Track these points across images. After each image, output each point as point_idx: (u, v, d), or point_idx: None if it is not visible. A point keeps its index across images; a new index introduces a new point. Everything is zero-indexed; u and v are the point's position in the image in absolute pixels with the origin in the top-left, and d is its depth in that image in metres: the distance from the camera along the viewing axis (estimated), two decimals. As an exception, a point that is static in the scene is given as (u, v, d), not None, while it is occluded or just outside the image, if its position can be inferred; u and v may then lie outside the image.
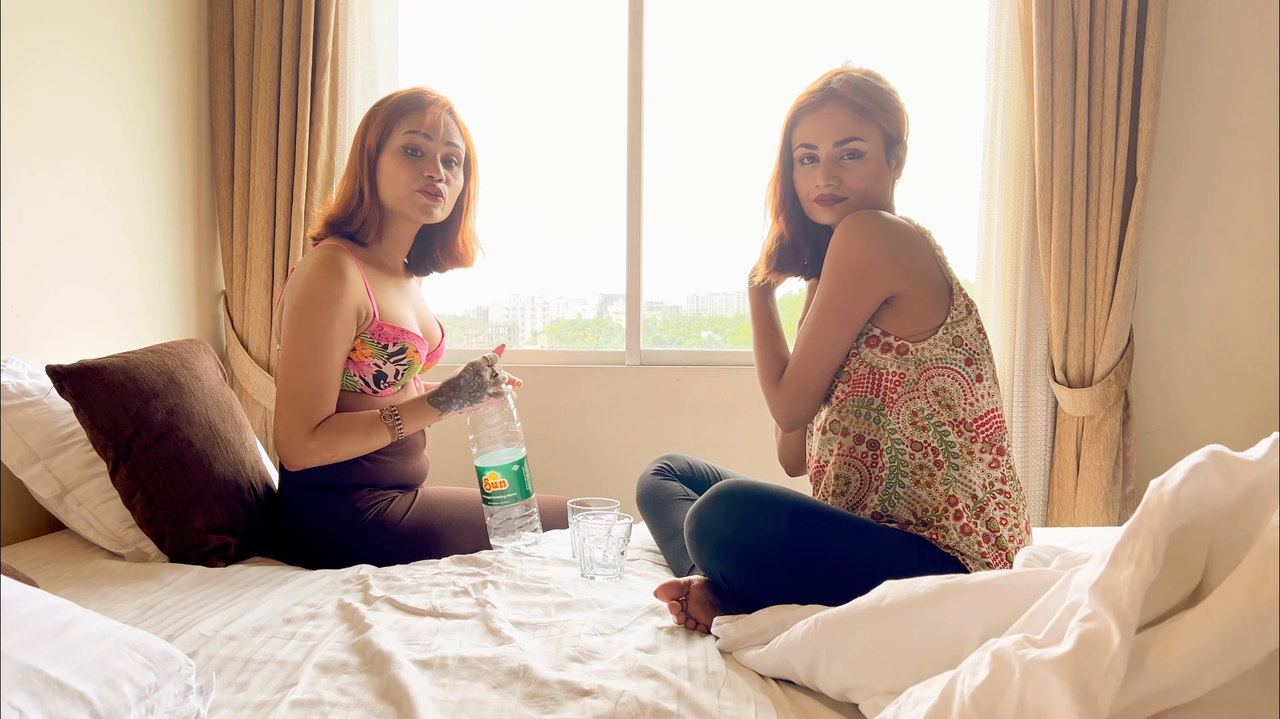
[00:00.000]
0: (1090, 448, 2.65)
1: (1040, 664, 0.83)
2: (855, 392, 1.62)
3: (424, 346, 1.94)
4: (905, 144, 1.69)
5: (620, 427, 2.88)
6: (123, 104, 2.36)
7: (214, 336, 2.80)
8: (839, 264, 1.59)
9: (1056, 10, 2.53)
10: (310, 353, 1.80)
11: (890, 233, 1.57)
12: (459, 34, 3.02)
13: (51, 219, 2.12)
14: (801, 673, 1.27)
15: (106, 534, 1.86)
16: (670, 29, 2.90)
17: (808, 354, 1.64)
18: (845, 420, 1.64)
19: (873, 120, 1.63)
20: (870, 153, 1.64)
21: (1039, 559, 1.28)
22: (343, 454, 1.83)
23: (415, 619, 1.49)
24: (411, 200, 1.89)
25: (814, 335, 1.62)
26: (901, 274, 1.57)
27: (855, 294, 1.58)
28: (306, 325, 1.80)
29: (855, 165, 1.64)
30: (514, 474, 1.88)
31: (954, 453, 1.57)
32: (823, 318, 1.61)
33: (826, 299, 1.60)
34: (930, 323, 1.58)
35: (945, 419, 1.57)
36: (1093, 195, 2.58)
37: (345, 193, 1.92)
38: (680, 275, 3.09)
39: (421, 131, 1.87)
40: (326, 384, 1.81)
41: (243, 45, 2.69)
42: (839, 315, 1.60)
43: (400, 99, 1.90)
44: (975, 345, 1.61)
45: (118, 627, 1.11)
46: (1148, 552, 0.80)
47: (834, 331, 1.60)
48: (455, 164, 1.94)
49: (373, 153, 1.89)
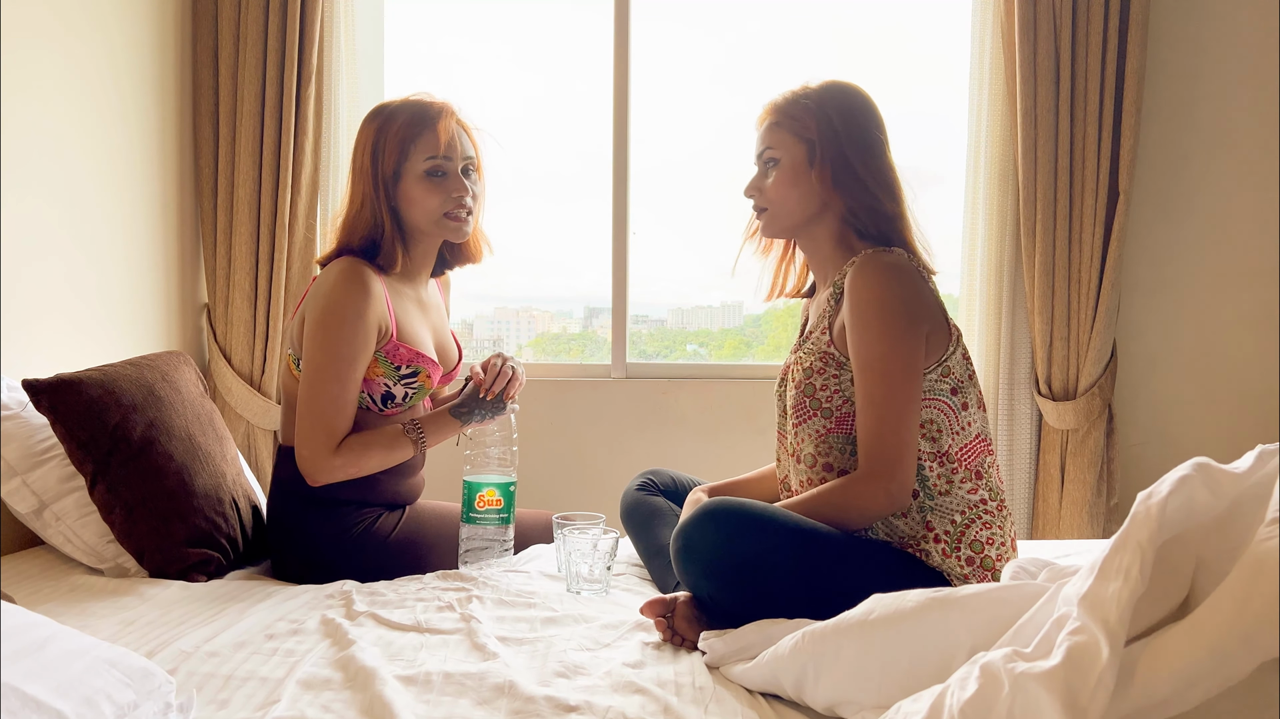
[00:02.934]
0: (1074, 461, 2.66)
1: (1029, 678, 0.83)
2: (838, 429, 1.61)
3: (437, 371, 1.91)
4: (844, 146, 1.62)
5: (606, 440, 2.88)
6: (105, 116, 2.35)
7: (196, 349, 2.78)
8: (885, 314, 1.51)
9: (1039, 26, 2.56)
10: (333, 367, 1.77)
11: (904, 276, 1.55)
12: (444, 47, 3.02)
13: (32, 232, 2.10)
14: (789, 688, 1.26)
15: (85, 549, 1.83)
16: (657, 43, 2.91)
17: (888, 422, 1.50)
18: (828, 456, 1.62)
19: (786, 129, 1.65)
20: (786, 161, 1.65)
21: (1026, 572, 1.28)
22: (367, 469, 1.81)
23: (399, 635, 1.48)
24: (441, 224, 1.86)
25: (888, 399, 1.50)
26: (929, 315, 1.56)
27: (914, 338, 1.52)
28: (331, 340, 1.77)
29: (774, 173, 1.67)
30: (510, 495, 1.86)
31: (929, 486, 1.57)
32: (890, 377, 1.50)
33: (885, 355, 1.51)
34: (929, 360, 1.58)
35: (926, 452, 1.56)
36: (1075, 209, 2.60)
37: (365, 223, 1.85)
38: (665, 289, 3.10)
39: (440, 155, 1.83)
40: (349, 399, 1.80)
41: (227, 57, 2.68)
42: (906, 367, 1.50)
43: (408, 120, 1.83)
44: (960, 374, 1.60)
45: (96, 644, 1.09)
46: (1136, 564, 0.80)
47: (909, 386, 1.51)
48: (473, 171, 1.92)
49: (389, 179, 1.83)
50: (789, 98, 1.68)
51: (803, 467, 1.66)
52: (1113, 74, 2.55)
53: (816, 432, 1.62)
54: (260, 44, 2.65)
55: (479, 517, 1.85)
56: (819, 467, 1.63)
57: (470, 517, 1.86)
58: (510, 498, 1.86)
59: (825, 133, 1.63)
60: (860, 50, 2.94)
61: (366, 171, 1.84)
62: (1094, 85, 2.55)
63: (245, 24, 2.64)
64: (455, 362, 2.05)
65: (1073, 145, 2.59)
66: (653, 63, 2.90)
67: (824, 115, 1.64)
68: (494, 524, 1.86)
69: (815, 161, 1.64)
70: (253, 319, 2.72)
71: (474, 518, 1.85)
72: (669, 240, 3.02)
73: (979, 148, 2.69)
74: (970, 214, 2.72)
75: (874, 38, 2.94)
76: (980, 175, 2.69)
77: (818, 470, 1.63)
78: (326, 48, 2.69)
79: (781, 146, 1.65)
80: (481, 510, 1.85)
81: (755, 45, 2.98)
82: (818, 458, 1.63)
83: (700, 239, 3.04)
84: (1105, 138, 2.57)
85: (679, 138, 3.00)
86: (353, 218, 1.87)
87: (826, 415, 1.61)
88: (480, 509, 1.85)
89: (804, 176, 1.64)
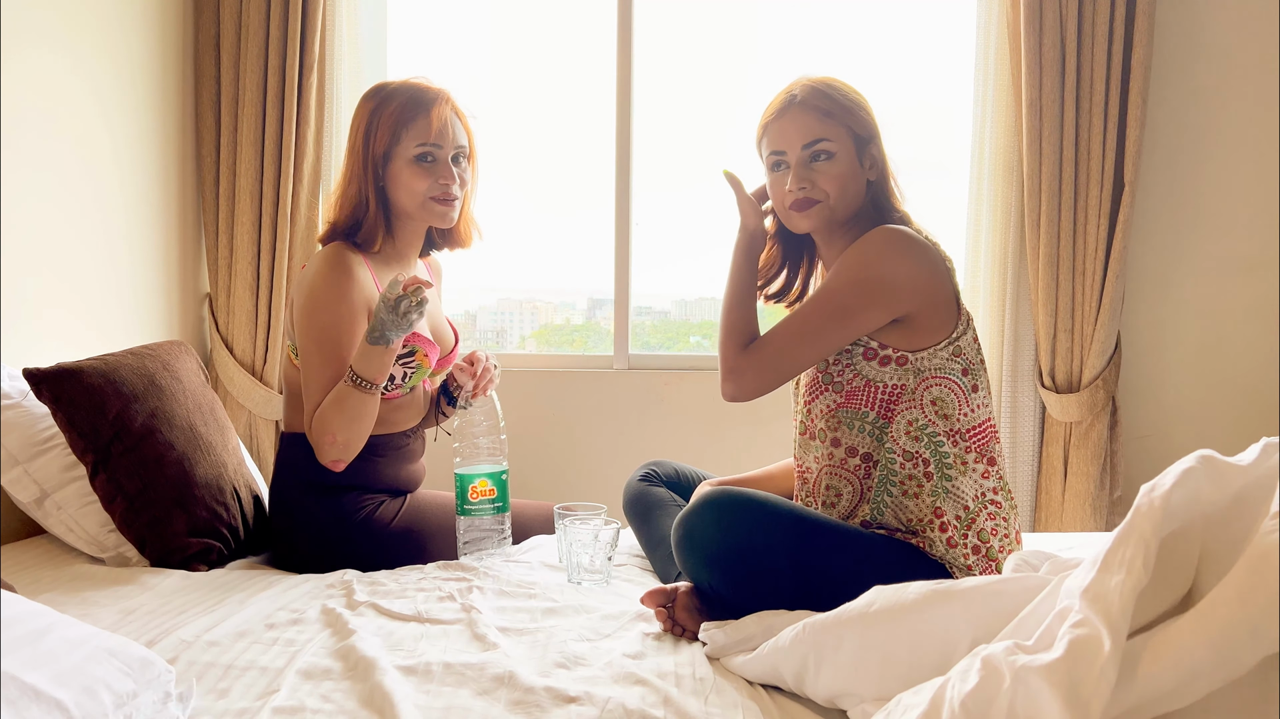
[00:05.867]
0: (1078, 453, 2.65)
1: (1031, 670, 0.83)
2: (849, 403, 1.60)
3: (434, 351, 1.91)
4: (880, 145, 1.67)
5: (608, 431, 2.87)
6: (105, 106, 2.34)
7: (198, 339, 2.78)
8: (859, 268, 1.55)
9: (1045, 17, 2.54)
10: (320, 352, 1.78)
11: (917, 254, 1.56)
12: (447, 37, 3.01)
13: (33, 221, 2.10)
14: (790, 679, 1.26)
15: (86, 538, 1.83)
16: (659, 33, 2.89)
17: (792, 335, 1.58)
18: (837, 431, 1.62)
19: (838, 120, 1.62)
20: (840, 153, 1.62)
21: (1028, 565, 1.28)
22: (342, 432, 1.75)
23: (400, 625, 1.48)
24: (426, 208, 1.86)
25: (808, 320, 1.57)
26: (918, 296, 1.55)
27: (868, 302, 1.55)
28: (316, 326, 1.78)
29: (826, 167, 1.62)
30: (503, 483, 1.86)
31: (947, 463, 1.56)
32: (824, 308, 1.57)
33: (835, 293, 1.56)
34: (935, 338, 1.57)
35: (940, 429, 1.56)
36: (1080, 201, 2.59)
37: (350, 200, 1.86)
38: (668, 280, 3.09)
39: (431, 141, 1.83)
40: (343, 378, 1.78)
41: (229, 46, 2.67)
42: (842, 313, 1.56)
43: (403, 103, 1.83)
44: (972, 356, 1.60)
45: (96, 633, 1.09)
46: (1139, 557, 0.80)
47: (831, 326, 1.56)
48: (463, 159, 1.91)
49: (379, 160, 1.84)
50: (821, 89, 1.64)
51: (817, 443, 1.65)
52: (1118, 65, 2.54)
53: (828, 406, 1.62)
54: (262, 32, 2.64)
55: (474, 508, 1.85)
56: (828, 442, 1.63)
57: (465, 509, 1.85)
58: (503, 486, 1.86)
59: (867, 123, 1.65)
60: (865, 41, 2.93)
61: (358, 151, 1.85)
62: (1099, 76, 2.54)
63: (247, 12, 2.63)
64: (452, 344, 2.05)
65: (1078, 137, 2.57)
66: (656, 52, 2.89)
67: (859, 105, 1.65)
68: (490, 514, 1.86)
69: (865, 156, 1.65)
70: (254, 309, 2.72)
71: (469, 509, 1.85)
72: (672, 232, 3.01)
73: (983, 139, 2.67)
74: (974, 205, 2.71)
75: (879, 29, 2.92)
76: (985, 166, 2.67)
77: (824, 445, 1.63)
78: (328, 36, 2.68)
79: (837, 138, 1.62)
80: (476, 502, 1.85)
81: (760, 36, 2.96)
82: (828, 432, 1.63)
83: (704, 230, 3.03)
84: (1110, 129, 2.55)
85: (682, 128, 2.99)
86: (341, 195, 1.88)
87: (837, 390, 1.61)
88: (474, 501, 1.85)
89: (857, 167, 1.64)
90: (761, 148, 1.70)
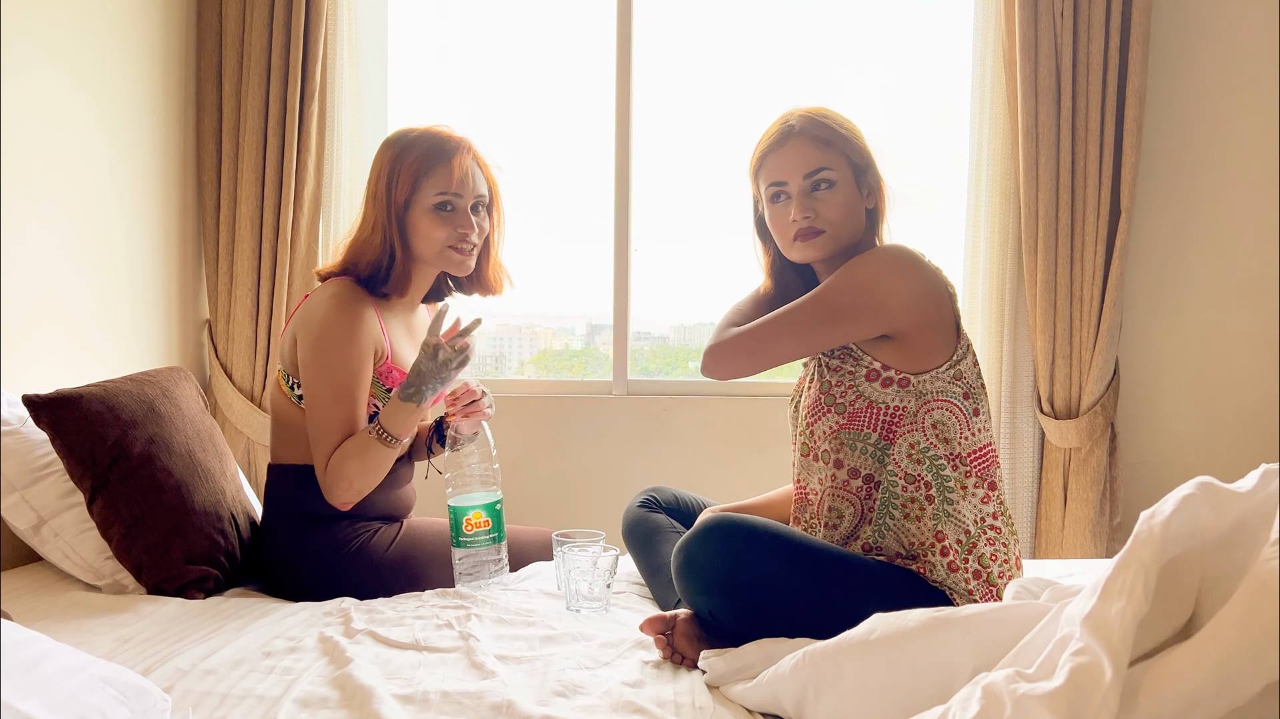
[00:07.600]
0: (1077, 479, 2.64)
1: (1032, 699, 0.82)
2: (851, 425, 1.60)
3: None
4: (877, 173, 1.68)
5: (607, 457, 2.87)
6: (108, 132, 2.36)
7: (197, 365, 2.78)
8: (859, 275, 1.57)
9: (1040, 44, 2.56)
10: (331, 391, 1.79)
11: (919, 273, 1.57)
12: (446, 65, 3.03)
13: (34, 247, 2.10)
14: (790, 707, 1.25)
15: (83, 565, 1.83)
16: (658, 59, 2.92)
17: (780, 326, 1.60)
18: (839, 453, 1.62)
19: (837, 149, 1.64)
20: (841, 182, 1.63)
21: (1028, 592, 1.27)
22: (359, 480, 1.78)
23: (397, 652, 1.47)
24: (444, 256, 1.87)
25: (798, 315, 1.59)
26: (912, 314, 1.56)
27: (859, 310, 1.56)
28: (327, 369, 1.79)
29: (828, 195, 1.63)
30: (497, 514, 1.85)
31: (948, 487, 1.56)
32: (817, 307, 1.58)
33: (830, 295, 1.57)
34: (934, 360, 1.58)
35: (941, 453, 1.56)
36: (1077, 228, 2.60)
37: (374, 248, 1.86)
38: (667, 306, 3.09)
39: (452, 191, 1.84)
40: (354, 418, 1.80)
41: (230, 74, 2.69)
42: (833, 315, 1.57)
43: (424, 152, 1.83)
44: (973, 380, 1.61)
45: (92, 661, 1.08)
46: (1139, 584, 0.80)
47: (819, 325, 1.58)
48: (482, 209, 1.92)
49: (400, 208, 1.84)
50: (817, 119, 1.65)
51: (820, 464, 1.65)
52: (1114, 93, 2.56)
53: (831, 427, 1.62)
54: (263, 60, 2.66)
55: (469, 540, 1.83)
56: (831, 463, 1.63)
57: (460, 541, 1.83)
58: (498, 516, 1.84)
59: (862, 151, 1.67)
60: (861, 69, 2.95)
61: (380, 198, 1.85)
62: (1095, 104, 2.56)
63: (249, 40, 2.66)
64: None
65: (1074, 163, 2.59)
66: (655, 79, 2.91)
67: (854, 134, 1.67)
68: (485, 545, 1.84)
69: (863, 185, 1.67)
70: (254, 335, 2.72)
71: (464, 542, 1.83)
72: (671, 257, 3.02)
73: (980, 166, 2.69)
74: (972, 232, 2.72)
75: (876, 58, 2.95)
76: (982, 193, 2.69)
77: (826, 466, 1.63)
78: (329, 65, 2.70)
79: (836, 166, 1.63)
80: (471, 534, 1.82)
81: (759, 60, 2.99)
82: (831, 454, 1.63)
83: (703, 256, 3.04)
84: (1107, 156, 2.57)
85: (682, 154, 3.00)
86: (363, 241, 1.88)
87: (840, 411, 1.61)
88: (469, 533, 1.82)
89: (856, 195, 1.66)
90: (759, 179, 1.70)
